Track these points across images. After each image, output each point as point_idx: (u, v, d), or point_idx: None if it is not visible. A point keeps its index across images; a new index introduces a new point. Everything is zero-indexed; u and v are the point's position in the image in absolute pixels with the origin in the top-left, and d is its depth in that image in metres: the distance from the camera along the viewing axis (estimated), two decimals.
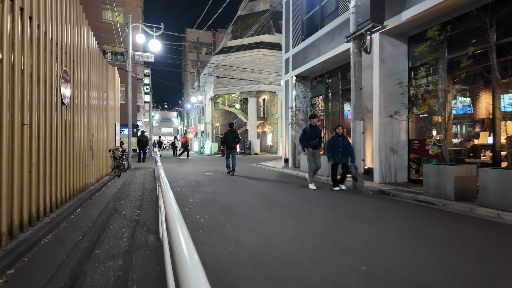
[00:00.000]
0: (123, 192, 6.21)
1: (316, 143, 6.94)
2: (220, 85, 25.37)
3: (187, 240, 0.75)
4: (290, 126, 12.05)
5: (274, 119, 25.59)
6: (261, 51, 23.76)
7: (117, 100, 10.69)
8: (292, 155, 11.96)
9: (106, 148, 8.64)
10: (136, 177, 8.92)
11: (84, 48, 5.96)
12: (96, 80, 7.18)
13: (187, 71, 45.01)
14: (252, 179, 8.41)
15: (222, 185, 7.11)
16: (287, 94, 12.58)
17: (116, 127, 10.47)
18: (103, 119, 8.19)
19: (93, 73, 6.79)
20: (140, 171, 10.73)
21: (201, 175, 9.21)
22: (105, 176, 8.36)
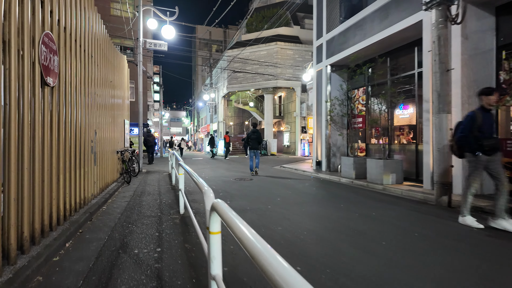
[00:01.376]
0: (134, 208, 4.70)
1: (493, 142, 3.63)
2: (234, 81, 23.86)
3: None
4: (324, 123, 10.42)
5: (292, 117, 23.95)
6: (279, 44, 22.15)
7: (126, 93, 9.26)
8: (326, 157, 10.32)
9: (113, 150, 7.18)
10: (149, 184, 7.44)
11: (86, 26, 4.47)
12: (100, 65, 5.72)
13: (198, 64, 43.69)
14: (291, 188, 6.82)
15: (259, 198, 5.54)
16: (319, 86, 10.95)
17: (125, 125, 9.03)
18: (109, 114, 6.73)
19: (96, 55, 5.32)
20: (153, 175, 9.26)
21: (226, 181, 7.67)
22: (111, 184, 6.90)
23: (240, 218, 1.05)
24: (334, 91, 10.39)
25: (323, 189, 6.77)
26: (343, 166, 8.64)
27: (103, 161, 6.03)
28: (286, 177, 8.83)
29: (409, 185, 7.14)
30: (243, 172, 10.09)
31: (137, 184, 7.45)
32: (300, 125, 22.52)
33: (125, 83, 9.21)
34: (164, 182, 7.73)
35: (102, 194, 5.59)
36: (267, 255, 0.72)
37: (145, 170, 10.75)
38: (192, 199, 5.28)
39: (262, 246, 0.77)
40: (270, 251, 0.73)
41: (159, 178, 8.55)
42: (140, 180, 8.10)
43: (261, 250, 0.75)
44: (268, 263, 0.69)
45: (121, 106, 8.36)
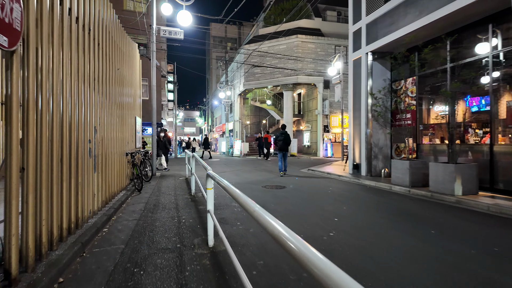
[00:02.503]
0: (144, 233, 3.45)
1: None
2: (251, 78, 22.58)
3: None
4: (364, 120, 8.95)
5: (313, 115, 22.44)
6: (300, 37, 20.70)
7: (137, 86, 8.12)
8: (367, 160, 8.85)
9: (121, 152, 6.01)
10: (164, 192, 6.22)
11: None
12: (104, 47, 4.52)
13: (212, 60, 42.75)
14: (340, 200, 5.43)
15: (307, 216, 4.20)
16: (356, 78, 9.48)
17: (136, 122, 7.88)
18: (117, 108, 5.55)
19: (98, 35, 4.12)
20: (168, 181, 8.06)
21: (255, 189, 6.36)
22: (119, 193, 5.71)
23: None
24: (376, 83, 8.92)
25: (381, 201, 5.34)
26: (395, 171, 7.16)
27: (108, 166, 4.83)
28: (323, 184, 7.44)
29: (487, 196, 5.62)
30: (268, 175, 8.76)
31: (150, 192, 6.24)
32: (322, 124, 21.00)
33: (136, 75, 8.06)
34: (181, 190, 6.49)
35: (105, 209, 4.38)
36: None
37: (158, 173, 9.58)
38: (220, 218, 3.99)
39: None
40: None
41: (175, 184, 7.33)
42: (153, 187, 6.90)
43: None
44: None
45: (131, 101, 7.20)
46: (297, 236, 0.87)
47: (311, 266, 0.70)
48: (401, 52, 7.44)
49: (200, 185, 4.87)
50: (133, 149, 7.54)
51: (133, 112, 7.54)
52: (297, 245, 0.80)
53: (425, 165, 6.91)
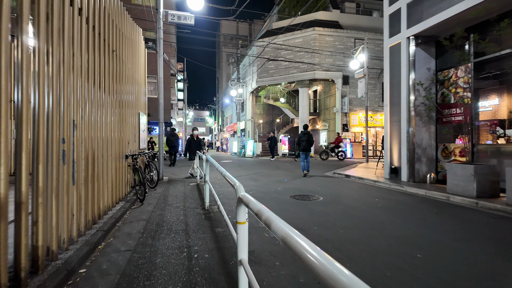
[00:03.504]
0: (137, 278, 2.30)
1: None
2: (265, 74, 21.35)
3: None
4: (406, 116, 7.61)
5: (330, 114, 21.05)
6: (317, 30, 19.36)
7: (142, 78, 7.02)
8: (409, 163, 7.51)
9: (119, 154, 4.89)
10: (171, 204, 5.07)
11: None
12: (95, 24, 3.40)
13: (222, 57, 41.74)
14: (398, 218, 4.16)
15: (374, 249, 2.95)
16: (394, 67, 8.14)
17: (140, 119, 6.78)
18: (114, 103, 4.44)
19: (89, 9, 2.99)
20: (176, 187, 6.93)
21: (283, 201, 5.14)
22: (115, 205, 4.59)
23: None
24: (419, 73, 7.57)
25: (456, 219, 4.04)
26: (452, 177, 5.81)
27: (98, 174, 3.70)
28: (363, 193, 6.16)
29: None
30: (291, 179, 7.53)
31: (154, 203, 5.09)
32: (341, 123, 19.60)
33: (141, 64, 6.97)
34: (191, 200, 5.32)
35: (91, 232, 3.25)
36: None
37: (166, 177, 8.47)
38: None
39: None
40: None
41: (185, 192, 6.17)
42: (158, 196, 5.76)
43: None
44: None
45: (134, 94, 6.10)
46: None
47: None
48: (457, 33, 6.08)
49: (216, 196, 3.71)
50: (135, 150, 6.43)
51: (136, 108, 6.43)
52: None
53: (493, 171, 5.56)
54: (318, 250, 0.79)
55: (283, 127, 25.23)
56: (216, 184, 6.98)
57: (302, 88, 20.36)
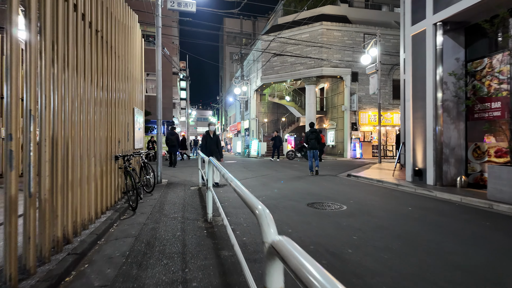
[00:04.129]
0: None
1: None
2: (270, 71, 20.56)
3: None
4: (432, 112, 6.80)
5: (338, 112, 20.21)
6: (324, 24, 18.53)
7: (138, 70, 6.28)
8: (436, 164, 6.70)
9: (106, 156, 4.16)
10: (167, 214, 4.31)
11: None
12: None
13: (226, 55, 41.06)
14: (448, 235, 3.37)
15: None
16: (418, 57, 7.33)
17: (135, 116, 6.04)
18: (99, 96, 3.70)
19: None
20: (175, 192, 6.18)
21: (301, 211, 4.35)
22: (100, 217, 3.84)
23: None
24: (446, 64, 6.76)
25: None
26: (495, 181, 4.99)
27: (76, 180, 2.96)
28: (389, 200, 5.36)
29: None
30: (304, 182, 6.75)
31: (148, 213, 4.34)
32: (349, 121, 18.75)
33: (136, 53, 6.23)
34: (192, 209, 4.56)
35: (55, 260, 2.50)
36: None
37: (165, 180, 7.72)
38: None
39: None
40: None
41: (185, 198, 5.41)
42: (154, 203, 5.01)
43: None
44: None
45: (127, 86, 5.35)
46: None
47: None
48: (501, 14, 5.26)
49: (219, 205, 2.96)
50: (129, 150, 5.69)
51: (130, 103, 5.69)
52: None
53: None
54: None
55: (288, 126, 24.42)
56: (220, 189, 6.23)
57: (308, 86, 19.54)
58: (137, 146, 6.32)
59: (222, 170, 2.48)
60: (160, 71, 7.17)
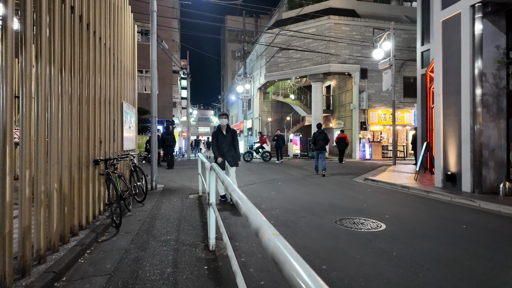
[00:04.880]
0: None
1: None
2: (274, 68, 19.64)
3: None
4: (469, 108, 5.87)
5: (345, 111, 19.27)
6: (332, 18, 17.60)
7: (128, 61, 5.38)
8: (474, 169, 5.77)
9: (80, 160, 3.26)
10: (157, 233, 3.42)
11: None
12: None
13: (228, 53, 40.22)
14: None
15: None
16: (451, 46, 6.39)
17: (124, 112, 5.14)
18: (69, 84, 2.80)
19: None
20: (171, 202, 5.27)
21: (328, 233, 3.43)
22: (69, 241, 2.93)
23: None
24: (486, 51, 5.83)
25: None
26: None
27: (23, 196, 2.06)
28: (426, 212, 4.44)
29: None
30: (320, 188, 5.83)
31: (134, 233, 3.43)
32: (358, 120, 17.81)
33: (127, 42, 5.32)
34: (190, 228, 3.65)
35: None
36: None
37: (161, 186, 6.82)
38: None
39: None
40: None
41: (182, 211, 4.50)
42: (144, 218, 4.11)
43: None
44: None
45: (113, 74, 4.45)
46: None
47: None
48: None
49: (223, 230, 2.06)
50: (116, 152, 4.79)
51: (118, 97, 4.80)
52: None
53: None
54: None
55: (293, 125, 23.49)
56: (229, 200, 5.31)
57: (315, 83, 18.60)
58: (126, 148, 5.42)
59: (225, 181, 1.62)
60: (155, 61, 6.27)
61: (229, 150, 4.89)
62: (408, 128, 19.18)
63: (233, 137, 4.94)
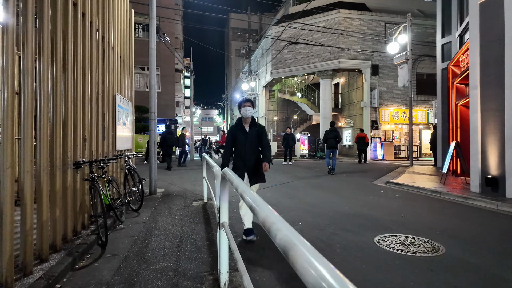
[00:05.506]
0: None
1: None
2: (281, 65, 18.87)
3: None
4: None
5: (355, 109, 18.46)
6: (342, 12, 16.79)
7: (124, 48, 4.67)
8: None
9: (55, 163, 2.54)
10: (151, 258, 2.70)
11: None
12: None
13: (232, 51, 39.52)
14: None
15: None
16: (489, 32, 5.59)
17: (117, 105, 4.42)
18: (40, 66, 2.08)
19: None
20: (171, 211, 4.54)
21: (371, 256, 2.67)
22: (32, 272, 2.20)
23: None
24: None
25: None
26: None
27: None
28: (478, 226, 3.66)
29: None
30: (337, 192, 5.07)
31: (122, 256, 2.70)
32: (369, 119, 16.99)
33: (123, 23, 4.61)
34: (193, 248, 2.92)
35: None
36: None
37: (161, 190, 6.09)
38: None
39: None
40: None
41: (184, 224, 3.76)
42: (137, 233, 3.38)
43: None
44: None
45: (101, 61, 3.73)
46: None
47: None
48: None
49: (236, 253, 1.36)
50: (106, 153, 4.07)
51: (108, 86, 4.08)
52: None
53: None
54: None
55: (300, 124, 22.70)
56: (234, 217, 4.56)
57: (323, 80, 17.80)
58: (120, 147, 4.70)
59: (248, 194, 0.91)
60: (154, 49, 5.55)
61: (252, 157, 3.24)
62: (422, 127, 18.31)
63: (260, 136, 3.31)
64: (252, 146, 3.28)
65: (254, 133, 3.31)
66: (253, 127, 3.34)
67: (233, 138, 3.33)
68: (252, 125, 3.34)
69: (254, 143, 3.29)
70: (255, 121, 3.39)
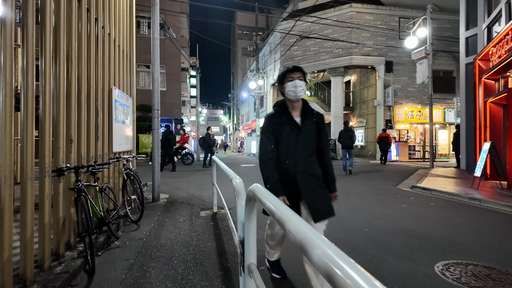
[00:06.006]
0: None
1: None
2: (290, 62, 18.20)
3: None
4: None
5: (368, 108, 17.70)
6: (354, 6, 16.07)
7: (124, 36, 4.10)
8: None
9: (23, 170, 1.95)
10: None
11: None
12: None
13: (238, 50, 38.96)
14: None
15: None
16: None
17: (114, 99, 3.84)
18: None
19: None
20: (176, 224, 3.94)
21: None
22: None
23: None
24: None
25: None
26: None
27: None
28: None
29: None
30: (366, 201, 4.42)
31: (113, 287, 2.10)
32: (383, 118, 16.22)
33: (120, 11, 4.03)
34: (205, 283, 2.31)
35: None
36: None
37: (165, 196, 5.50)
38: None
39: None
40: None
41: (191, 241, 3.15)
42: (134, 254, 2.78)
43: None
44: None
45: (93, 48, 3.16)
46: None
47: None
48: None
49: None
50: (101, 155, 3.48)
51: (102, 78, 3.50)
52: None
53: None
54: None
55: None
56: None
57: (334, 77, 17.07)
58: (119, 149, 4.12)
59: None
60: (157, 39, 4.96)
61: (310, 167, 1.90)
62: (437, 127, 17.45)
63: (320, 132, 1.98)
64: (309, 150, 1.92)
65: (312, 127, 1.93)
66: (309, 117, 1.94)
67: (275, 137, 1.91)
68: (306, 111, 1.96)
69: (311, 145, 1.92)
70: (308, 105, 2.01)
